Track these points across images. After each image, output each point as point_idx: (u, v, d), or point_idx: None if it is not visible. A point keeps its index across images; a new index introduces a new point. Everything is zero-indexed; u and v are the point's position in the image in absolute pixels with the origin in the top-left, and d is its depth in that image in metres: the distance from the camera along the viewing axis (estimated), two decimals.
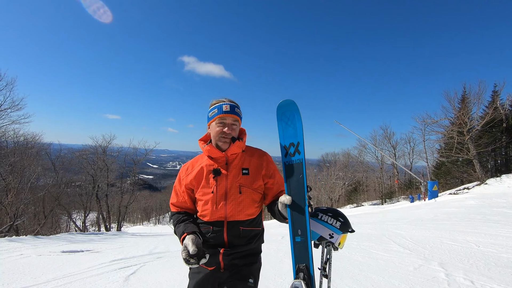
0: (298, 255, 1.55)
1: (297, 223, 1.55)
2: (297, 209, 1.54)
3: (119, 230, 28.00)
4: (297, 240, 1.55)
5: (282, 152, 1.67)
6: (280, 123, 1.69)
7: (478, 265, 3.89)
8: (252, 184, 1.63)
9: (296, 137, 1.62)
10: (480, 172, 21.08)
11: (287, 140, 1.66)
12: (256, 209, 1.67)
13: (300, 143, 1.60)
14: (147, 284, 3.94)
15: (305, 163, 1.57)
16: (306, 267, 1.50)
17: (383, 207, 23.71)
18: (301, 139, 1.60)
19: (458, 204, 11.99)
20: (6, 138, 20.77)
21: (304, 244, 1.53)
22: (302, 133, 1.60)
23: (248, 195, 1.61)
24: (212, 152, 1.64)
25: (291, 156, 1.63)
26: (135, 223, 57.47)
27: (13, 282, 4.09)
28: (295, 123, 1.63)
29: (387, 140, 37.64)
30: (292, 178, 1.59)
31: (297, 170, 1.58)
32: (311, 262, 1.50)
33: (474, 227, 6.55)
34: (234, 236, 1.59)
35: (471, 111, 23.04)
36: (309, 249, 1.52)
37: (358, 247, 5.45)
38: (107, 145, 29.61)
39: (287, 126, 1.66)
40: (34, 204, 21.99)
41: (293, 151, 1.62)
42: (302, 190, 1.54)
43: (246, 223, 1.61)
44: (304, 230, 1.52)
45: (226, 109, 1.61)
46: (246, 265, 1.60)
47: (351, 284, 3.47)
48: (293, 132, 1.63)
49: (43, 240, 9.41)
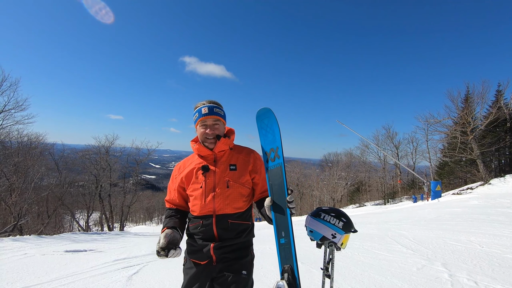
0: (283, 256, 1.61)
1: (281, 225, 1.60)
2: (280, 211, 1.60)
3: (121, 230, 28.10)
4: (282, 242, 1.61)
5: (264, 159, 1.75)
6: (260, 131, 1.78)
7: (482, 265, 3.86)
8: (239, 178, 1.69)
9: (275, 142, 1.69)
10: (484, 172, 20.95)
11: (268, 146, 1.74)
12: (244, 203, 1.71)
13: (279, 147, 1.66)
14: (149, 283, 3.95)
15: (284, 166, 1.63)
16: (291, 267, 1.55)
17: (385, 207, 23.63)
18: (279, 144, 1.67)
19: (461, 204, 11.92)
20: (10, 138, 20.98)
21: (288, 245, 1.58)
22: (280, 138, 1.67)
23: (235, 189, 1.67)
24: (200, 150, 1.74)
25: (271, 161, 1.70)
26: (138, 223, 57.71)
27: (17, 281, 4.12)
28: (273, 129, 1.70)
29: (390, 140, 37.60)
30: (274, 182, 1.65)
31: (278, 174, 1.64)
32: (295, 262, 1.55)
33: (477, 228, 6.50)
34: (223, 229, 1.63)
35: (474, 110, 22.94)
36: (293, 250, 1.56)
37: (361, 247, 5.43)
38: (110, 145, 29.78)
39: (267, 133, 1.74)
40: (38, 204, 22.15)
41: (273, 156, 1.69)
42: (283, 192, 1.58)
43: (234, 217, 1.65)
44: (287, 231, 1.58)
45: (205, 111, 1.71)
46: (238, 258, 1.64)
47: (354, 284, 3.46)
48: (272, 138, 1.71)
49: (46, 240, 9.47)
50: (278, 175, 1.64)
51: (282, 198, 1.59)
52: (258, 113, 1.78)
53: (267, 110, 1.73)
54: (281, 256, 1.62)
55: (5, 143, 20.75)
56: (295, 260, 1.55)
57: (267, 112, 1.74)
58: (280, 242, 1.62)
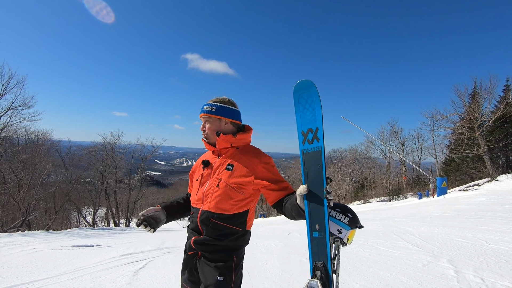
0: (316, 252, 1.47)
1: (315, 217, 1.46)
2: (315, 201, 1.44)
3: (127, 225, 28.38)
4: (315, 236, 1.47)
5: (299, 139, 1.55)
6: (297, 106, 1.56)
7: (489, 262, 3.83)
8: (230, 180, 1.62)
9: (314, 122, 1.49)
10: (491, 169, 20.67)
11: (305, 126, 1.53)
12: (232, 206, 1.61)
13: (319, 129, 1.48)
14: (156, 278, 4.01)
15: (324, 151, 1.46)
16: (324, 265, 1.43)
17: (390, 203, 23.51)
18: (320, 124, 1.48)
19: (468, 201, 11.80)
20: (18, 136, 21.22)
21: (322, 240, 1.45)
22: (322, 118, 1.47)
23: (224, 190, 1.61)
24: (206, 146, 1.79)
25: (309, 143, 1.51)
26: None
27: (27, 275, 4.20)
28: (314, 107, 1.49)
29: (395, 136, 37.22)
30: (310, 168, 1.49)
31: (316, 158, 1.47)
32: (329, 259, 1.43)
33: (484, 224, 6.44)
34: (205, 225, 1.62)
35: (482, 106, 22.53)
36: (327, 245, 1.43)
37: (366, 244, 5.42)
38: (115, 142, 29.97)
39: (305, 110, 1.53)
40: (45, 200, 22.49)
41: (312, 138, 1.50)
42: (321, 181, 1.43)
43: (218, 217, 1.60)
44: (322, 225, 1.44)
45: (200, 111, 1.76)
46: (216, 260, 1.58)
47: (359, 280, 3.46)
48: (311, 117, 1.51)
49: (54, 235, 9.63)
50: (316, 160, 1.46)
51: (320, 187, 1.43)
52: (296, 86, 1.55)
53: (308, 83, 1.51)
54: (313, 252, 1.48)
55: (13, 140, 21.01)
56: (329, 257, 1.43)
57: (308, 86, 1.51)
58: (313, 236, 1.47)
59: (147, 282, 3.82)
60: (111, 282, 3.84)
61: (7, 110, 17.88)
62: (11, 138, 20.35)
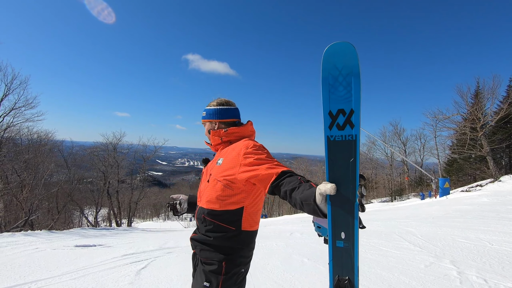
0: (339, 264, 1.17)
1: (340, 223, 1.14)
2: (342, 204, 1.12)
3: (129, 225, 28.48)
4: (339, 245, 1.16)
5: (325, 123, 1.16)
6: (326, 80, 1.13)
7: (492, 263, 3.81)
8: (218, 174, 1.56)
9: (349, 103, 1.11)
10: (494, 169, 20.57)
11: (334, 105, 1.13)
12: (220, 202, 1.52)
13: (355, 112, 1.10)
14: (158, 278, 4.01)
15: (359, 141, 1.12)
16: (350, 281, 1.14)
17: (392, 204, 23.44)
18: (357, 106, 1.10)
19: (470, 202, 11.74)
20: (21, 136, 21.38)
21: (348, 252, 1.14)
22: (360, 98, 1.09)
23: (213, 185, 1.58)
24: (207, 145, 1.87)
25: (338, 129, 1.13)
26: (145, 219, 58.40)
27: (29, 274, 4.22)
28: (350, 82, 1.09)
29: (397, 137, 37.16)
30: (338, 161, 1.13)
31: (347, 150, 1.12)
32: (356, 275, 1.13)
33: (487, 225, 6.41)
34: (200, 221, 1.63)
35: (484, 106, 22.47)
36: (356, 258, 1.13)
37: (368, 244, 5.41)
38: (117, 142, 30.12)
39: (337, 83, 1.12)
40: (48, 200, 22.60)
41: (343, 123, 1.13)
42: (353, 179, 1.10)
43: (208, 213, 1.56)
44: (350, 233, 1.13)
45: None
46: (204, 263, 1.54)
47: (361, 281, 3.45)
48: (345, 94, 1.11)
49: (57, 235, 9.67)
50: (347, 152, 1.11)
51: (350, 187, 1.10)
52: (328, 50, 1.11)
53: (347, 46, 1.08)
54: (335, 265, 1.18)
55: (16, 140, 21.16)
56: (356, 272, 1.13)
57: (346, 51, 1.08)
58: (336, 246, 1.16)
59: (149, 282, 3.83)
60: (113, 282, 3.85)
61: (10, 111, 18.05)
62: (14, 138, 20.51)
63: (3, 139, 18.18)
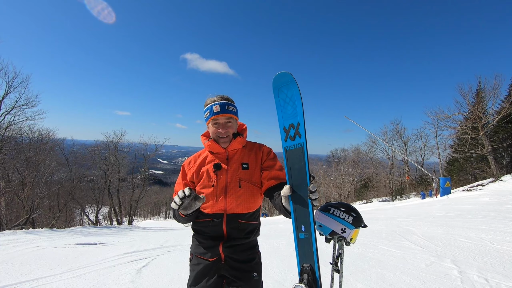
0: (303, 254, 1.41)
1: (300, 218, 1.39)
2: (300, 202, 1.37)
3: (130, 224, 28.55)
4: (301, 237, 1.41)
5: (281, 136, 1.48)
6: (278, 101, 1.48)
7: (493, 262, 3.80)
8: (251, 178, 1.64)
9: (295, 117, 1.42)
10: (495, 169, 20.52)
11: (287, 121, 1.46)
12: (255, 203, 1.66)
13: (301, 124, 1.40)
14: (158, 276, 4.02)
15: (306, 147, 1.38)
16: (311, 267, 1.36)
17: (393, 203, 23.41)
18: (301, 119, 1.39)
19: (471, 201, 11.72)
20: (22, 134, 21.39)
21: (308, 242, 1.37)
22: (303, 112, 1.39)
23: (247, 189, 1.62)
24: (213, 147, 1.68)
25: (291, 140, 1.44)
26: (146, 217, 58.56)
27: (31, 272, 4.24)
28: (294, 101, 1.41)
29: (398, 136, 37.00)
30: (294, 165, 1.42)
31: (298, 156, 1.40)
32: (316, 262, 1.34)
33: (488, 225, 6.39)
34: (233, 228, 1.61)
35: (486, 105, 22.36)
36: (314, 247, 1.35)
37: (369, 243, 5.41)
38: (118, 141, 30.16)
39: (286, 104, 1.45)
40: (49, 198, 22.69)
41: (293, 134, 1.43)
42: (304, 179, 1.36)
43: (245, 217, 1.63)
44: (308, 226, 1.36)
45: (216, 110, 1.61)
46: (247, 260, 1.63)
47: (362, 280, 3.45)
48: (292, 112, 1.43)
49: (58, 233, 9.70)
50: (299, 158, 1.39)
51: (303, 186, 1.36)
52: (275, 79, 1.46)
53: (286, 75, 1.41)
54: (300, 254, 1.42)
55: (17, 138, 21.18)
56: (316, 259, 1.35)
57: (286, 79, 1.41)
58: (299, 238, 1.41)
59: (149, 281, 3.84)
60: (114, 280, 3.86)
61: (12, 109, 18.04)
62: (16, 136, 20.53)
63: (5, 137, 18.20)
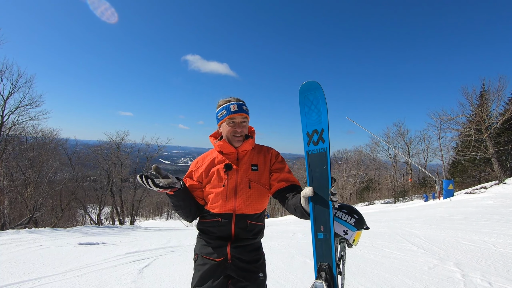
0: (320, 253, 1.48)
1: (320, 218, 1.47)
2: (320, 203, 1.46)
3: (132, 224, 28.63)
4: (319, 237, 1.48)
5: (304, 141, 1.56)
6: (303, 108, 1.57)
7: (496, 266, 3.77)
8: (260, 179, 1.69)
9: (320, 124, 1.50)
10: (499, 171, 20.36)
11: (310, 127, 1.55)
12: (263, 204, 1.71)
13: (325, 130, 1.49)
14: (160, 276, 4.03)
15: (329, 152, 1.48)
16: (329, 266, 1.43)
17: (396, 205, 23.29)
18: (325, 125, 1.49)
19: (475, 204, 11.64)
20: (26, 134, 21.56)
21: (327, 242, 1.45)
22: (327, 119, 1.48)
23: (256, 190, 1.66)
24: (224, 147, 1.71)
25: (314, 144, 1.52)
26: (148, 217, 58.66)
27: (33, 271, 4.26)
28: (319, 108, 1.50)
29: (401, 138, 36.81)
30: (315, 169, 1.50)
31: (321, 160, 1.49)
32: (334, 261, 1.43)
33: (492, 228, 6.35)
34: (241, 229, 1.64)
35: (490, 107, 22.22)
36: (332, 247, 1.43)
37: (371, 246, 5.38)
38: (121, 141, 30.29)
39: (310, 111, 1.54)
40: (52, 198, 22.79)
41: (317, 139, 1.51)
42: (326, 182, 1.44)
43: (253, 217, 1.67)
44: (328, 226, 1.44)
45: (234, 109, 1.66)
46: (253, 261, 1.66)
47: (364, 282, 3.44)
48: (317, 118, 1.52)
49: (60, 232, 9.75)
50: (321, 162, 1.47)
51: (325, 189, 1.44)
52: (302, 87, 1.55)
53: (314, 84, 1.51)
54: (318, 254, 1.48)
55: (21, 138, 21.33)
56: (334, 258, 1.43)
57: (314, 87, 1.51)
58: (318, 237, 1.48)
59: (152, 281, 3.84)
60: (116, 280, 3.87)
61: (16, 109, 18.19)
62: (19, 136, 20.68)
63: (9, 137, 18.34)
